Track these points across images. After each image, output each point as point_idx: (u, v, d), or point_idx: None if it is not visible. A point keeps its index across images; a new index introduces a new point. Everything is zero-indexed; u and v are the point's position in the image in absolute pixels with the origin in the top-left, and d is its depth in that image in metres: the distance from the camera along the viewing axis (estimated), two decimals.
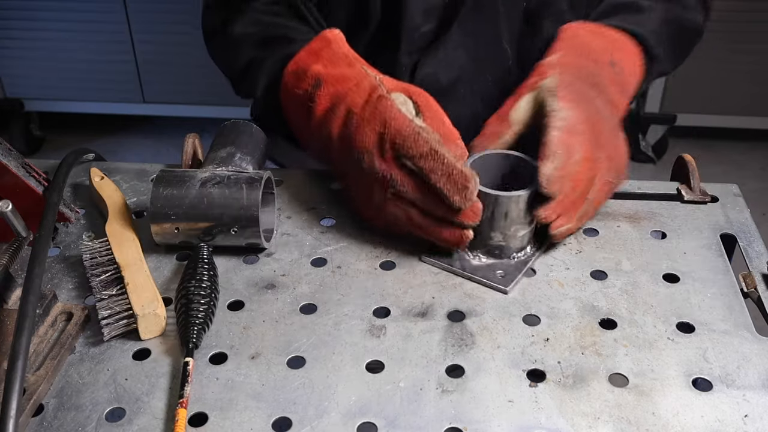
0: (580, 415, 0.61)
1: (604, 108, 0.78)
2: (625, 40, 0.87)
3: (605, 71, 0.82)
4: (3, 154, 0.73)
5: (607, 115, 0.78)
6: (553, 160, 0.71)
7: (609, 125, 0.77)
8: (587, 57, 0.82)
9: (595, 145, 0.74)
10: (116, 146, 2.66)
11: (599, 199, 0.77)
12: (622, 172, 0.79)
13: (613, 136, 0.78)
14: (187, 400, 0.60)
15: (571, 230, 0.75)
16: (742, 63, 2.37)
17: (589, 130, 0.74)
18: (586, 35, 0.85)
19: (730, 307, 0.70)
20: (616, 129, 0.79)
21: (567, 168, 0.72)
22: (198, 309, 0.66)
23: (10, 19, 2.45)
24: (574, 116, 0.74)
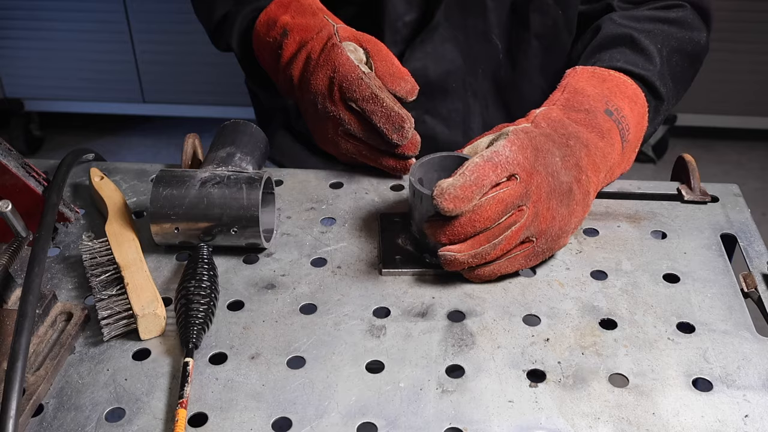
0: (580, 416, 0.61)
1: (562, 170, 0.72)
2: (627, 85, 0.83)
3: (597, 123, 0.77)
4: (3, 154, 0.73)
5: (561, 179, 0.72)
6: (456, 178, 0.67)
7: (555, 186, 0.71)
8: (578, 109, 0.78)
9: (524, 193, 0.69)
10: (116, 146, 2.66)
11: (517, 255, 0.71)
12: (554, 242, 0.72)
13: (555, 199, 0.71)
14: (187, 401, 0.60)
15: (461, 263, 0.69)
16: (742, 63, 2.37)
17: (524, 175, 0.69)
18: (584, 80, 0.82)
19: (730, 307, 0.70)
20: (567, 195, 0.72)
21: (468, 190, 0.67)
22: (198, 309, 0.66)
23: (10, 19, 2.45)
24: (509, 155, 0.69)
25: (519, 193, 0.68)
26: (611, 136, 0.78)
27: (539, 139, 0.72)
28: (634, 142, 0.84)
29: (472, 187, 0.67)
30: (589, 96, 0.79)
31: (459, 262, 0.69)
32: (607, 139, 0.78)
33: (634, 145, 0.84)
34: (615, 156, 0.79)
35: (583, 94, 0.80)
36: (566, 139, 0.74)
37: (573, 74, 0.83)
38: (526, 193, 0.69)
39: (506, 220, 0.68)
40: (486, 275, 0.71)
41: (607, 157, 0.77)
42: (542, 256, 0.73)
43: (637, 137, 0.84)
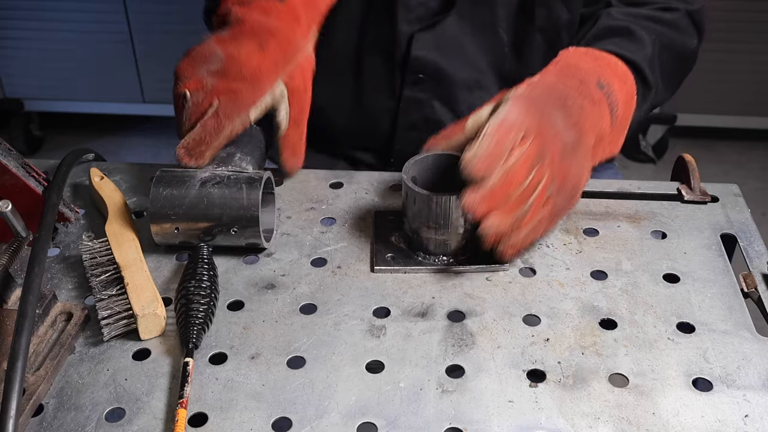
0: (580, 416, 0.61)
1: (565, 128, 0.74)
2: (618, 65, 0.84)
3: (589, 92, 0.78)
4: (3, 154, 0.73)
5: (566, 137, 0.73)
6: (480, 144, 0.68)
7: (563, 144, 0.73)
8: (572, 76, 0.79)
9: (539, 152, 0.71)
10: (116, 146, 2.66)
11: (543, 217, 0.72)
12: (571, 197, 0.75)
13: (566, 157, 0.73)
14: (187, 401, 0.60)
15: (504, 232, 0.70)
16: (741, 63, 2.37)
17: (536, 134, 0.71)
18: (577, 57, 0.83)
19: (730, 307, 0.70)
20: (575, 153, 0.74)
21: (495, 152, 0.68)
22: (198, 309, 0.66)
23: (10, 19, 2.45)
24: (517, 116, 0.71)
25: (537, 152, 0.70)
26: (601, 107, 0.79)
27: (539, 101, 0.74)
28: (623, 122, 0.84)
29: (497, 149, 0.69)
30: (581, 69, 0.81)
31: (503, 230, 0.70)
32: (597, 108, 0.78)
33: (623, 124, 0.84)
34: (605, 126, 0.79)
35: (577, 67, 0.81)
36: (563, 101, 0.76)
37: (566, 53, 0.84)
38: (542, 151, 0.71)
39: (532, 179, 0.70)
40: (519, 245, 0.72)
41: (597, 123, 0.78)
42: (560, 216, 0.76)
43: (625, 117, 0.84)
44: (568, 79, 0.79)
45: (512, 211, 0.70)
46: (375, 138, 1.04)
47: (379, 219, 0.81)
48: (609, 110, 0.80)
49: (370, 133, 1.04)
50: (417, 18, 0.96)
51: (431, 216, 0.72)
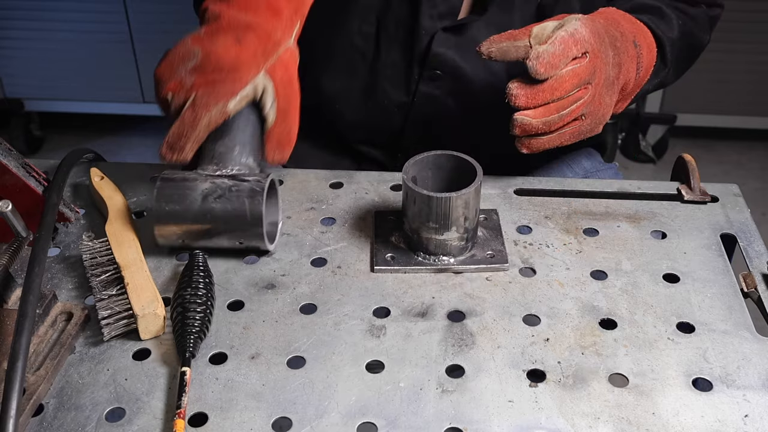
0: (580, 415, 0.61)
1: (612, 63, 0.81)
2: (649, 35, 0.90)
3: (627, 46, 0.85)
4: (3, 154, 0.73)
5: (611, 71, 0.81)
6: (549, 46, 0.74)
7: (608, 75, 0.80)
8: (615, 28, 0.85)
9: (591, 72, 0.77)
10: (116, 146, 2.66)
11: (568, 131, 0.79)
12: (595, 126, 0.81)
13: (606, 87, 0.81)
14: (185, 411, 0.60)
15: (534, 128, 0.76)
16: (741, 63, 2.37)
17: (593, 55, 0.77)
18: (618, 15, 0.88)
19: (730, 307, 0.70)
20: (612, 87, 0.82)
21: (558, 58, 0.74)
22: (194, 318, 0.66)
23: (10, 19, 2.45)
24: (585, 34, 0.77)
25: (589, 71, 0.77)
26: (633, 62, 0.86)
27: (601, 31, 0.80)
28: (637, 86, 0.89)
29: (561, 56, 0.75)
30: (622, 25, 0.86)
31: (532, 126, 0.76)
32: (631, 62, 0.86)
33: (636, 89, 0.90)
34: (630, 79, 0.86)
35: (618, 23, 0.86)
36: (613, 41, 0.82)
37: (606, 10, 0.88)
38: (593, 72, 0.77)
39: (575, 93, 0.77)
40: (536, 146, 0.78)
41: (628, 73, 0.85)
42: (582, 136, 0.81)
43: (641, 82, 0.89)
44: (613, 28, 0.84)
45: (547, 114, 0.76)
46: (384, 132, 1.03)
47: (379, 219, 0.81)
48: (636, 67, 0.86)
49: (380, 127, 1.03)
50: (439, 14, 0.95)
51: (431, 216, 0.72)
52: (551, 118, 0.76)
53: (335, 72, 0.99)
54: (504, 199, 0.84)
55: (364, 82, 0.99)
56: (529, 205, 0.84)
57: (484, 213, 0.81)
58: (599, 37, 0.79)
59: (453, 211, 0.72)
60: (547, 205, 0.83)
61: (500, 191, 0.86)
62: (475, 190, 0.72)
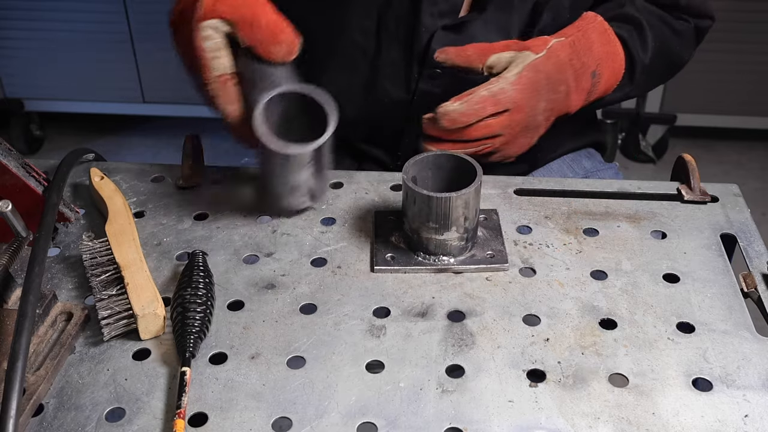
0: (580, 415, 0.61)
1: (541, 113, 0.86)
2: (619, 57, 0.93)
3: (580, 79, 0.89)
4: (3, 154, 0.73)
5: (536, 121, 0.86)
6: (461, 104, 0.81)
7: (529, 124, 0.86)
8: (579, 57, 0.88)
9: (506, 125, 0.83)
10: (116, 146, 2.66)
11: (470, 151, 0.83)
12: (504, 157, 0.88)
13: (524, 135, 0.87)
14: (185, 411, 0.60)
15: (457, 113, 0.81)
16: (741, 63, 2.37)
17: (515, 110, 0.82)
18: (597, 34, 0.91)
19: (730, 307, 0.70)
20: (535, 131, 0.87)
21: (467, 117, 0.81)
22: (194, 318, 0.66)
23: (10, 19, 2.45)
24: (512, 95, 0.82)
25: (503, 125, 0.83)
26: (580, 95, 0.90)
27: (541, 82, 0.84)
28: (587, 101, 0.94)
29: (471, 115, 0.80)
30: (592, 52, 0.90)
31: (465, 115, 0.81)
32: (577, 95, 0.90)
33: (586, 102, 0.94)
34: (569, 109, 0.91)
35: (589, 49, 0.89)
36: (557, 85, 0.86)
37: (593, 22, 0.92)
38: (508, 125, 0.83)
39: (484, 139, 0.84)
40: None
41: (565, 108, 0.90)
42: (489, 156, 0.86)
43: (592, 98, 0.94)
44: (575, 58, 0.88)
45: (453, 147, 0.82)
46: (385, 130, 1.03)
47: (379, 219, 0.81)
48: (585, 98, 0.91)
49: (381, 124, 1.03)
50: (440, 12, 0.94)
51: (431, 216, 0.72)
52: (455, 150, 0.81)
53: (336, 69, 0.99)
54: (504, 199, 0.84)
55: (365, 79, 0.99)
56: (529, 205, 0.84)
57: (484, 213, 0.81)
58: (532, 93, 0.83)
59: (453, 211, 0.72)
60: (547, 205, 0.83)
61: (500, 191, 0.86)
62: (475, 190, 0.72)
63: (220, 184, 0.87)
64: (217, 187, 0.86)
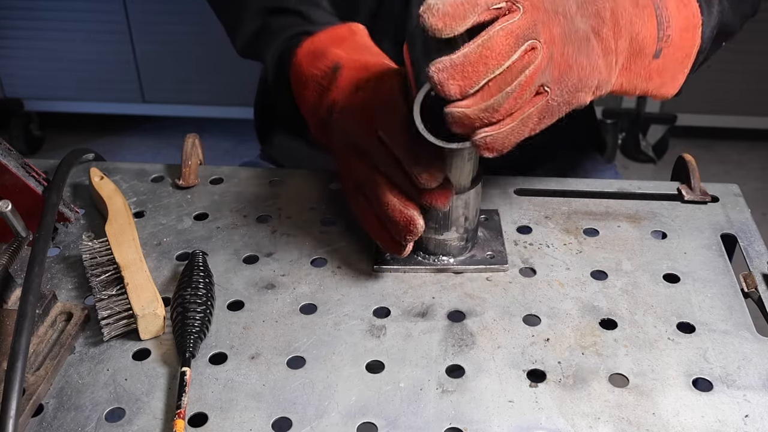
0: (581, 416, 0.61)
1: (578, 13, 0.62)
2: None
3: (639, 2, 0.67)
4: (3, 154, 0.73)
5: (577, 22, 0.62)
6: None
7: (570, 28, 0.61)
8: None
9: (532, 26, 0.58)
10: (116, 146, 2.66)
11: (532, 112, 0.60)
12: (571, 95, 0.62)
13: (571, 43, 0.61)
14: (185, 411, 0.60)
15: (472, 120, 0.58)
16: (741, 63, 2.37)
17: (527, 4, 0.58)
18: None
19: (730, 307, 0.70)
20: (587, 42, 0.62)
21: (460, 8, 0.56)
22: (194, 318, 0.66)
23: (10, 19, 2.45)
24: None
25: (527, 24, 0.57)
26: (646, 11, 0.67)
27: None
28: (679, 50, 0.71)
29: (464, 4, 0.56)
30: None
31: (469, 119, 0.57)
32: (640, 9, 0.66)
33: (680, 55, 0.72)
34: (647, 34, 0.67)
35: None
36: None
37: None
38: (534, 27, 0.58)
39: (518, 60, 0.57)
40: (500, 142, 0.59)
41: (635, 26, 0.66)
42: (557, 113, 0.62)
43: (682, 45, 0.71)
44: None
45: (487, 96, 0.57)
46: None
47: None
48: (656, 21, 0.68)
49: None
50: None
51: (431, 216, 0.72)
52: (494, 101, 0.57)
53: None
54: (504, 199, 0.84)
55: None
56: (529, 205, 0.84)
57: (485, 213, 0.81)
58: None
59: (453, 211, 0.72)
60: (547, 205, 0.83)
61: (500, 191, 0.86)
62: (475, 190, 0.72)
63: (220, 184, 0.87)
64: (217, 187, 0.86)
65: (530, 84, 0.58)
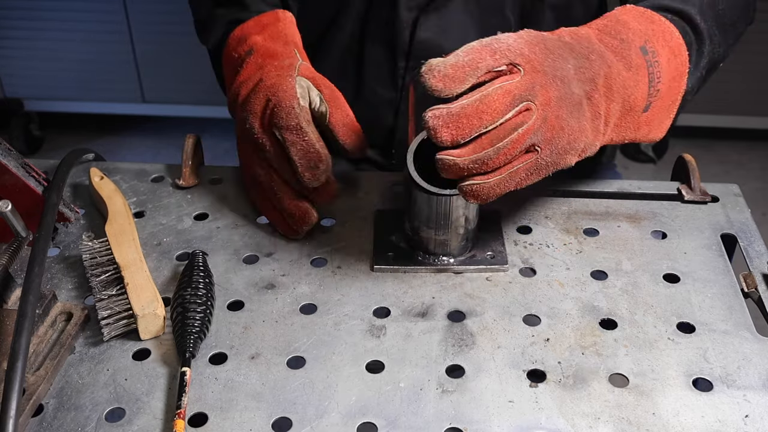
0: (581, 416, 0.61)
1: (575, 78, 0.65)
2: (674, 36, 0.75)
3: (627, 54, 0.70)
4: (3, 154, 0.73)
5: (573, 87, 0.65)
6: (448, 57, 0.61)
7: (566, 93, 0.64)
8: (613, 35, 0.70)
9: (530, 88, 0.61)
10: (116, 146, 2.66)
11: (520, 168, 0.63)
12: (560, 156, 0.65)
13: (564, 107, 0.64)
14: (185, 411, 0.60)
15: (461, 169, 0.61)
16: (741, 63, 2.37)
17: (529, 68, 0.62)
18: (631, 15, 0.74)
19: (730, 307, 0.70)
20: (579, 107, 0.65)
21: (461, 70, 0.60)
22: (194, 318, 0.66)
23: (10, 19, 2.45)
24: (513, 43, 0.63)
25: (525, 86, 0.61)
26: (638, 73, 0.70)
27: (554, 43, 0.66)
28: (666, 100, 0.75)
29: (465, 68, 0.60)
30: (630, 29, 0.71)
31: (459, 168, 0.61)
32: (633, 74, 0.69)
33: (666, 103, 0.75)
34: (638, 96, 0.70)
35: (624, 26, 0.71)
36: (588, 53, 0.67)
37: (621, 9, 0.75)
38: (532, 89, 0.61)
39: (513, 118, 0.61)
40: (485, 192, 0.63)
41: (627, 88, 0.69)
42: (545, 172, 0.65)
43: (670, 94, 0.75)
44: (607, 37, 0.70)
45: (479, 149, 0.60)
46: (377, 130, 1.04)
47: (379, 219, 0.81)
48: (647, 80, 0.71)
49: (372, 125, 1.03)
50: (417, 5, 0.95)
51: (431, 216, 0.72)
52: (485, 154, 0.61)
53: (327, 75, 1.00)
54: (504, 199, 0.84)
55: (353, 82, 1.00)
56: (529, 205, 0.83)
57: (485, 213, 0.81)
58: (544, 48, 0.64)
59: (453, 211, 0.72)
60: (547, 205, 0.83)
61: None
62: None
63: (220, 184, 0.87)
64: (217, 187, 0.86)
65: (521, 142, 0.62)
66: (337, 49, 1.00)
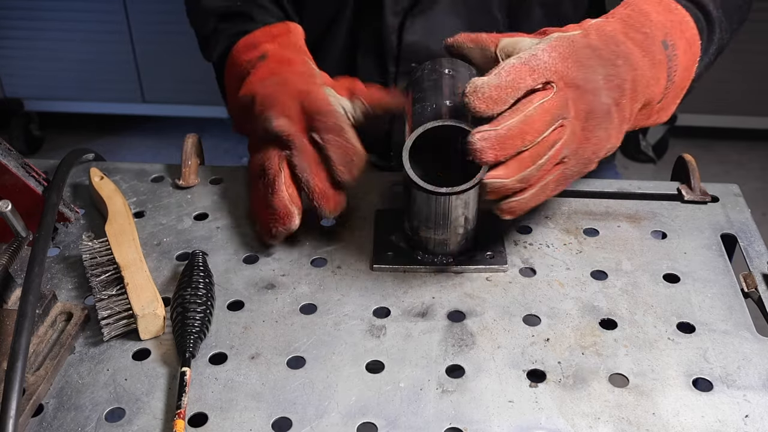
0: (581, 416, 0.61)
1: (604, 88, 0.68)
2: (689, 25, 0.77)
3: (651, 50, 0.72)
4: (3, 154, 0.73)
5: (602, 97, 0.68)
6: (491, 77, 0.63)
7: (594, 105, 0.67)
8: (638, 29, 0.72)
9: (564, 105, 0.65)
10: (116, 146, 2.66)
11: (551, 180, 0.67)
12: (584, 165, 0.69)
13: (592, 119, 0.67)
14: (185, 411, 0.60)
15: (509, 189, 0.65)
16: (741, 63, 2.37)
17: (562, 85, 0.65)
18: (650, 5, 0.75)
19: (730, 307, 0.70)
20: (606, 117, 0.68)
21: (504, 92, 0.62)
22: (194, 318, 0.66)
23: (10, 19, 2.45)
24: (548, 60, 0.65)
25: (560, 103, 0.64)
26: (660, 69, 0.73)
27: (584, 52, 0.68)
28: (678, 89, 0.78)
29: (507, 89, 0.63)
30: (652, 21, 0.73)
31: (507, 188, 0.64)
32: (655, 71, 0.72)
33: (677, 92, 0.78)
34: (656, 91, 0.73)
35: (647, 17, 0.73)
36: (615, 58, 0.69)
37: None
38: (565, 105, 0.65)
39: (550, 134, 0.64)
40: (521, 208, 0.67)
41: (649, 88, 0.72)
42: (570, 180, 0.69)
43: (682, 84, 0.78)
44: (632, 31, 0.72)
45: (522, 168, 0.64)
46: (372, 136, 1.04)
47: (379, 218, 0.81)
48: (666, 75, 0.74)
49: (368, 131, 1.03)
50: (403, 9, 0.95)
51: (431, 215, 0.72)
52: (528, 173, 0.64)
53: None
54: None
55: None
56: None
57: (485, 213, 0.80)
58: (576, 60, 0.67)
59: (452, 211, 0.72)
60: (547, 205, 0.83)
61: None
62: (474, 190, 0.71)
63: (220, 184, 0.87)
64: (217, 187, 0.86)
65: (557, 158, 0.66)
66: (331, 60, 1.00)
